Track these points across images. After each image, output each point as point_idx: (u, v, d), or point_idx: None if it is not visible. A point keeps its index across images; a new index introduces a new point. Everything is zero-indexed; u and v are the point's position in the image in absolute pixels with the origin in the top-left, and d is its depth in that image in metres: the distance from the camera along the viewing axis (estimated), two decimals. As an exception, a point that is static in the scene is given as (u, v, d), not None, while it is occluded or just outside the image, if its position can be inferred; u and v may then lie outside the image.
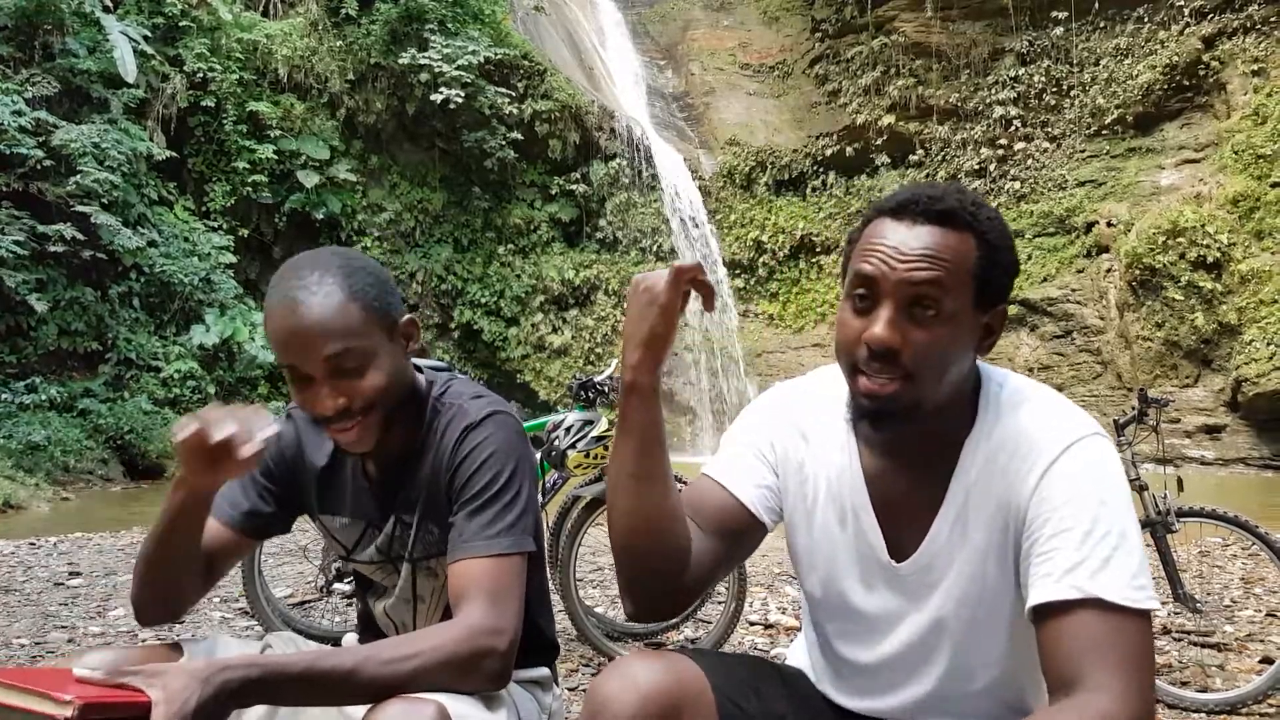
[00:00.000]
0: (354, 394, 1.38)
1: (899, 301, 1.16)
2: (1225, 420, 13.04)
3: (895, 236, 1.18)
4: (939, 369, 1.17)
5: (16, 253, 11.42)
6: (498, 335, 16.64)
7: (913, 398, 1.17)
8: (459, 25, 16.27)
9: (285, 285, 1.40)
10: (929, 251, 1.15)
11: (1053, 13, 15.77)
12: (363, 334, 1.38)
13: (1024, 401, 1.23)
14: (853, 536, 1.31)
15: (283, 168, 15.38)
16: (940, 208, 1.18)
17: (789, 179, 17.82)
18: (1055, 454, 1.16)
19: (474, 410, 1.51)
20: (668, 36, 20.44)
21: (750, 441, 1.37)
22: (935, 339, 1.15)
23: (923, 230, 1.17)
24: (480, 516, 1.42)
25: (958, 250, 1.16)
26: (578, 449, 3.63)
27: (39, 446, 10.98)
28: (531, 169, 17.26)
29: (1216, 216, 13.28)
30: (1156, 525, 3.83)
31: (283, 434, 1.62)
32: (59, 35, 12.74)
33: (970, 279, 1.17)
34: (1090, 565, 1.08)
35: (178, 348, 13.31)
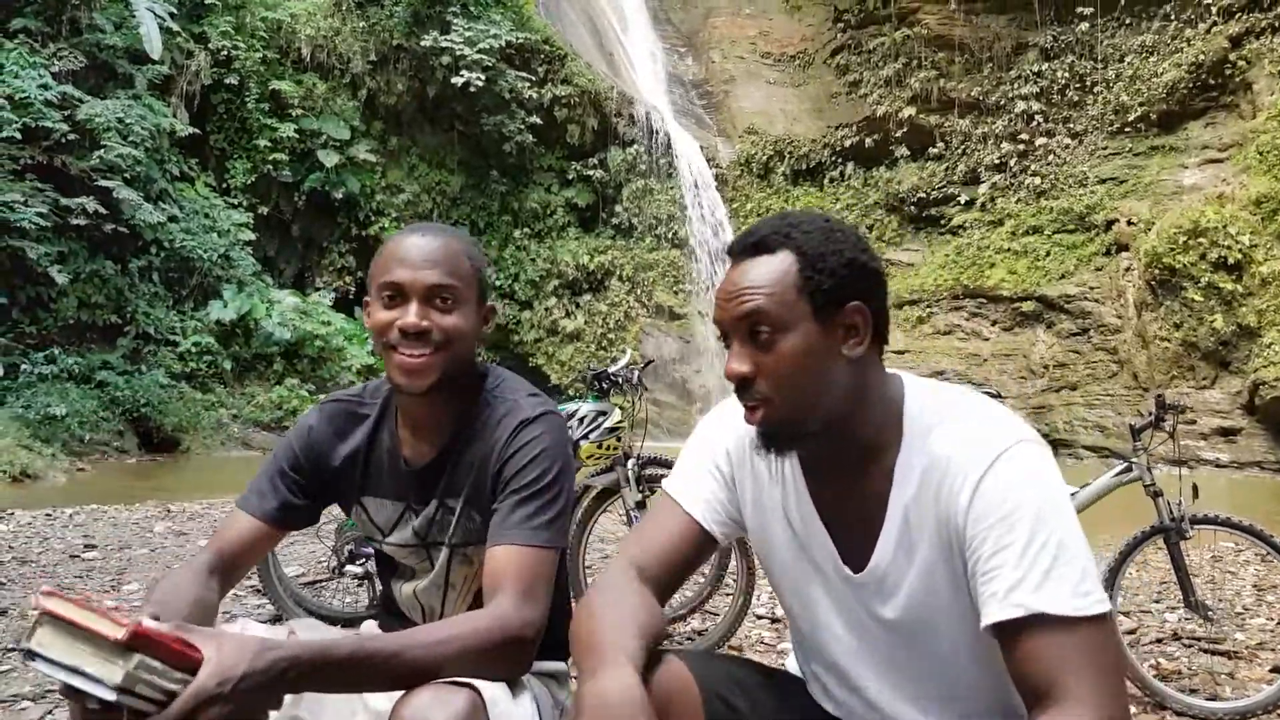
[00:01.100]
0: (437, 324, 1.50)
1: (740, 336, 1.22)
2: (1242, 423, 12.94)
3: (724, 282, 1.25)
4: (798, 383, 1.20)
5: (39, 224, 11.52)
6: (511, 318, 16.69)
7: (782, 416, 1.21)
8: (481, 9, 16.27)
9: (414, 227, 1.58)
10: (744, 284, 1.21)
11: (1078, 8, 15.59)
12: (465, 281, 1.53)
13: (950, 415, 1.24)
14: (809, 545, 1.33)
15: (303, 146, 15.45)
16: (752, 240, 1.24)
17: (807, 169, 17.74)
18: (983, 469, 1.16)
19: (528, 407, 1.57)
20: (689, 24, 20.33)
21: (704, 456, 1.41)
22: (779, 356, 1.19)
23: (741, 266, 1.23)
24: (525, 507, 1.48)
25: (774, 271, 1.21)
26: (590, 439, 3.66)
27: (56, 418, 11.11)
28: (549, 154, 17.26)
29: (1239, 217, 13.13)
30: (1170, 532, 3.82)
31: (314, 425, 1.67)
32: (86, 10, 12.82)
33: (796, 291, 1.20)
34: (1032, 580, 1.08)
35: (195, 322, 13.42)
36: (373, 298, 1.54)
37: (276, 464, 1.65)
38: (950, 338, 15.56)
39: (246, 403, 13.46)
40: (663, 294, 16.84)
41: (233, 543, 1.57)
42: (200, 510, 6.94)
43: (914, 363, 15.44)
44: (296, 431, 1.68)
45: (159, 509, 6.96)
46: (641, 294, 16.81)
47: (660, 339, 16.78)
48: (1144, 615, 4.54)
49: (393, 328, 1.49)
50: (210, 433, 12.70)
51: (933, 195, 16.67)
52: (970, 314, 15.58)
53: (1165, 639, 4.12)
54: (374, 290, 1.54)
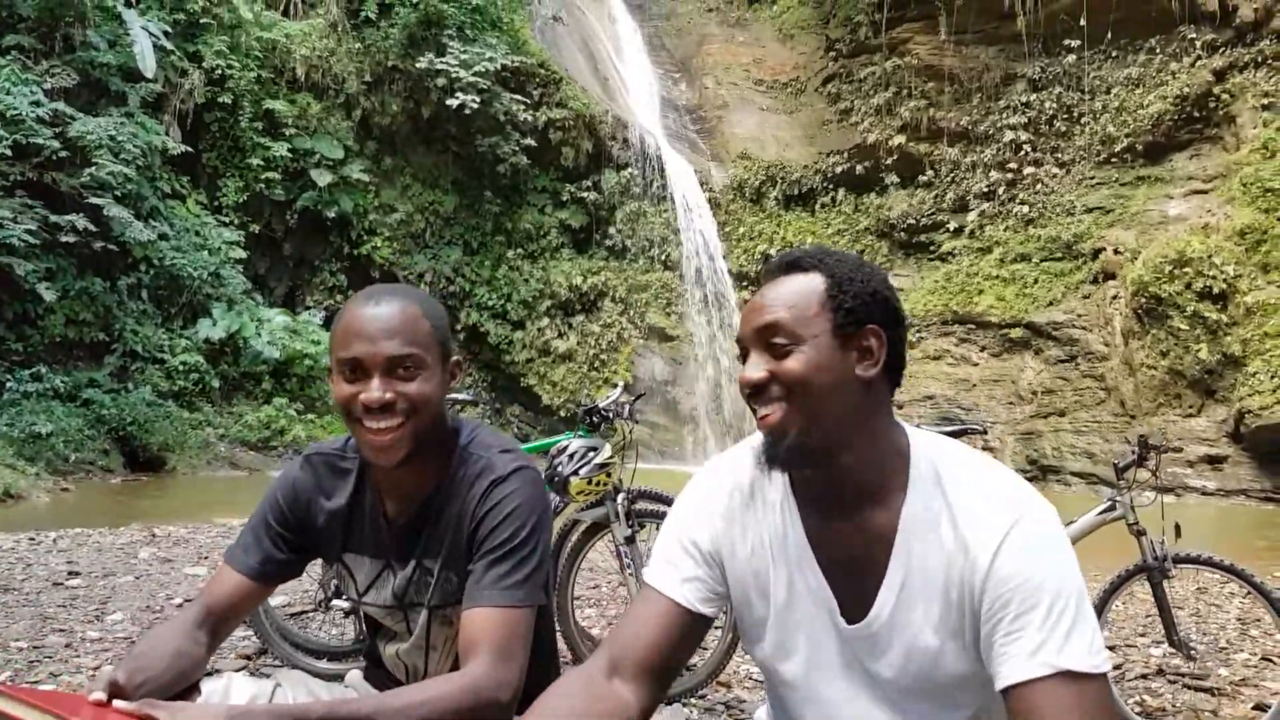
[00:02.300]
0: (401, 394, 1.48)
1: (758, 345, 1.27)
2: (1228, 451, 13.02)
3: (755, 298, 1.31)
4: (811, 392, 1.23)
5: (28, 241, 11.48)
6: (503, 338, 16.69)
7: (796, 422, 1.24)
8: (477, 32, 16.35)
9: (368, 294, 1.56)
10: (771, 298, 1.27)
11: (1065, 41, 15.79)
12: (424, 346, 1.51)
13: (961, 473, 1.26)
14: (804, 597, 1.33)
15: (296, 166, 15.46)
16: (786, 260, 1.31)
17: (798, 194, 17.85)
18: (1003, 532, 1.19)
19: (501, 465, 1.57)
20: (683, 50, 20.49)
21: (680, 537, 1.41)
22: (797, 363, 1.23)
23: (774, 283, 1.30)
24: (499, 567, 1.48)
25: (801, 288, 1.27)
26: (580, 475, 3.66)
27: (41, 436, 11.02)
28: (544, 175, 17.32)
29: (1224, 248, 13.28)
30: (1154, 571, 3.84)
31: (298, 479, 1.67)
32: (80, 28, 12.82)
33: (821, 307, 1.25)
34: (1055, 641, 1.13)
35: (184, 341, 13.37)
36: (334, 371, 1.53)
37: (261, 518, 1.65)
38: (939, 363, 15.64)
39: (234, 422, 13.40)
40: (655, 315, 16.88)
41: (220, 598, 1.58)
42: (186, 535, 6.89)
43: (904, 386, 15.47)
44: (280, 484, 1.68)
45: (144, 533, 6.91)
46: (634, 315, 16.85)
47: (652, 360, 16.81)
48: (1129, 650, 4.56)
49: (356, 401, 1.48)
50: (196, 452, 12.62)
51: (922, 222, 16.80)
52: (959, 339, 15.68)
53: (1150, 675, 4.14)
54: (334, 364, 1.53)
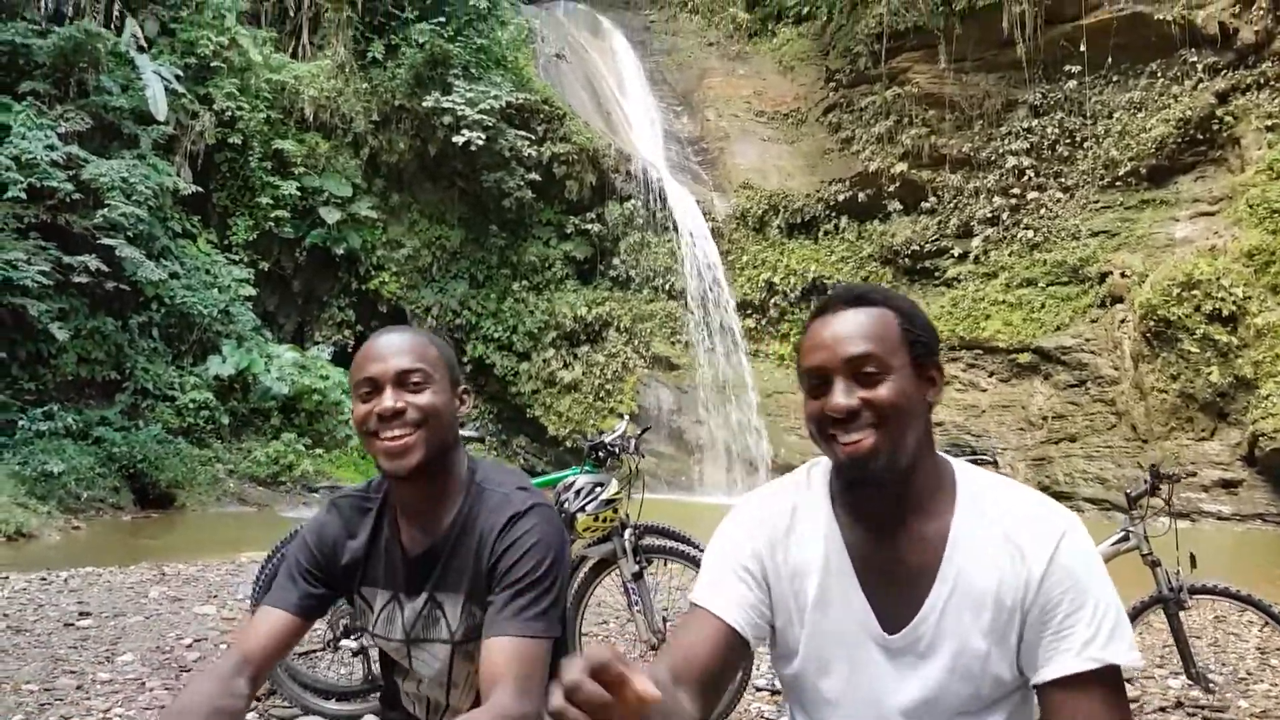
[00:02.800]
0: (412, 403, 1.59)
1: (846, 375, 1.33)
2: (1242, 475, 12.91)
3: (826, 329, 1.36)
4: (900, 418, 1.31)
5: (41, 283, 11.59)
6: (509, 370, 16.72)
7: (887, 447, 1.31)
8: (482, 71, 16.56)
9: (383, 329, 1.73)
10: (859, 328, 1.34)
11: (1065, 66, 15.84)
12: (432, 364, 1.66)
13: (1005, 493, 1.39)
14: (843, 614, 1.38)
15: (305, 204, 15.62)
16: (855, 293, 1.38)
17: (801, 222, 17.91)
18: (1056, 539, 1.31)
19: (519, 500, 1.65)
20: (685, 84, 20.69)
21: (732, 560, 1.45)
22: (887, 392, 1.31)
23: (847, 315, 1.36)
24: (520, 599, 1.55)
25: (881, 321, 1.35)
26: (587, 512, 3.66)
27: (53, 475, 11.07)
28: (548, 208, 17.45)
29: (1231, 270, 13.25)
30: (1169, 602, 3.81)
31: (326, 522, 1.75)
32: (94, 73, 13.04)
33: (900, 340, 1.34)
34: (1101, 638, 1.26)
35: (194, 378, 13.44)
36: (353, 398, 1.65)
37: (294, 559, 1.72)
38: (948, 389, 15.42)
39: (243, 458, 13.44)
40: (660, 344, 16.90)
41: (259, 639, 1.62)
42: (195, 573, 6.89)
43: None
44: (310, 527, 1.77)
45: (154, 571, 6.91)
46: (639, 344, 16.88)
47: (658, 389, 16.81)
48: (1146, 681, 4.50)
49: (371, 415, 1.59)
50: (206, 488, 12.65)
51: (926, 248, 16.82)
52: (967, 365, 15.63)
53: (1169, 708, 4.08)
54: (353, 392, 1.65)
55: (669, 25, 22.78)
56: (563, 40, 21.03)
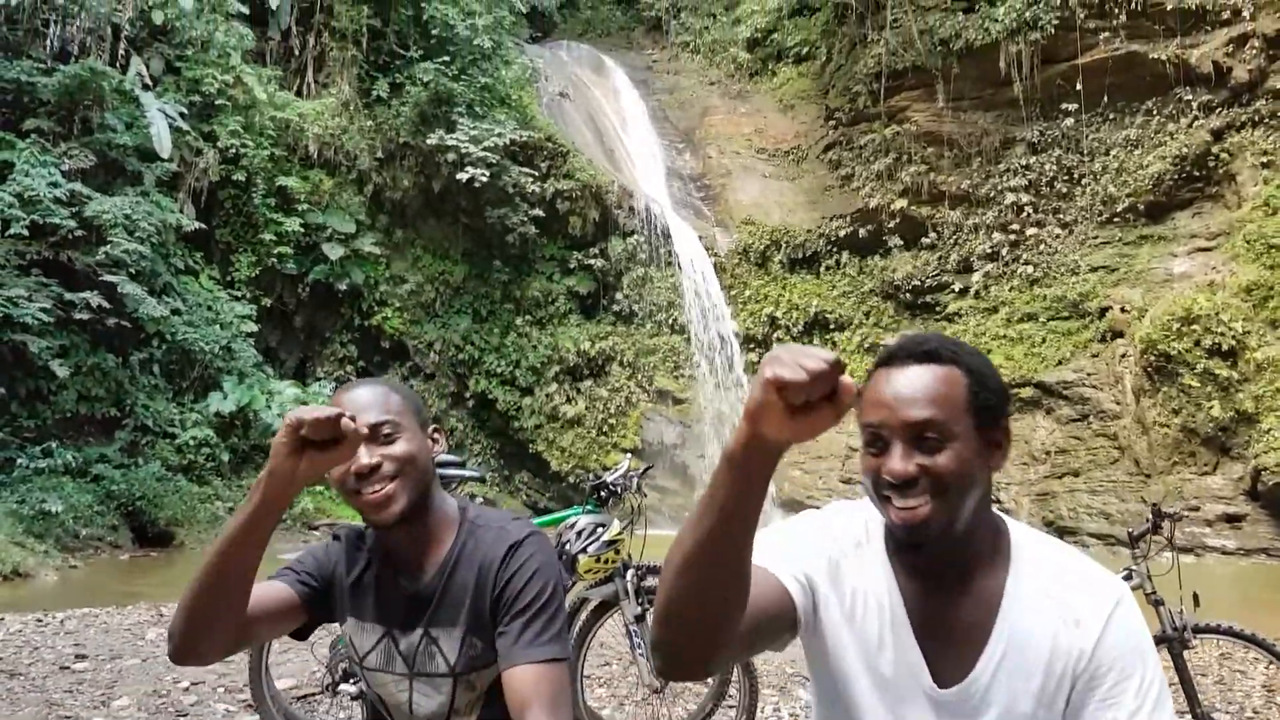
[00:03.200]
0: (387, 455, 1.63)
1: (906, 438, 1.28)
2: (1246, 509, 12.85)
3: (890, 384, 1.31)
4: (960, 488, 1.29)
5: (42, 319, 11.62)
6: (512, 405, 16.70)
7: (943, 516, 1.28)
8: (486, 109, 16.72)
9: (344, 386, 1.77)
10: (924, 390, 1.29)
11: (1062, 105, 16.01)
12: (398, 413, 1.69)
13: (1059, 556, 1.39)
14: (891, 657, 1.37)
15: (309, 240, 15.70)
16: (925, 348, 1.33)
17: (803, 257, 17.99)
18: (1111, 607, 1.32)
19: (516, 530, 1.70)
20: (687, 121, 20.89)
21: (802, 542, 1.44)
22: (949, 461, 1.27)
23: (913, 371, 1.31)
24: (534, 625, 1.59)
25: (948, 382, 1.30)
26: (589, 553, 3.64)
27: (51, 513, 11.01)
28: (551, 244, 17.53)
29: (1230, 305, 13.29)
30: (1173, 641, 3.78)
31: (330, 547, 1.82)
32: (99, 111, 13.16)
33: (966, 405, 1.30)
34: (1147, 708, 1.27)
35: (194, 414, 13.43)
36: None
37: (299, 561, 1.79)
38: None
39: (242, 495, 13.36)
40: (663, 379, 16.90)
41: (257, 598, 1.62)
42: (194, 613, 6.82)
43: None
44: (313, 549, 1.84)
45: (151, 612, 6.86)
46: (642, 379, 16.88)
47: (661, 424, 16.78)
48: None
49: (349, 475, 1.63)
50: (205, 526, 12.59)
51: (927, 283, 16.88)
52: (969, 400, 15.61)
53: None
54: None
55: (671, 65, 23.06)
56: (566, 79, 21.26)
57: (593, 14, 27.08)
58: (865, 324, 17.09)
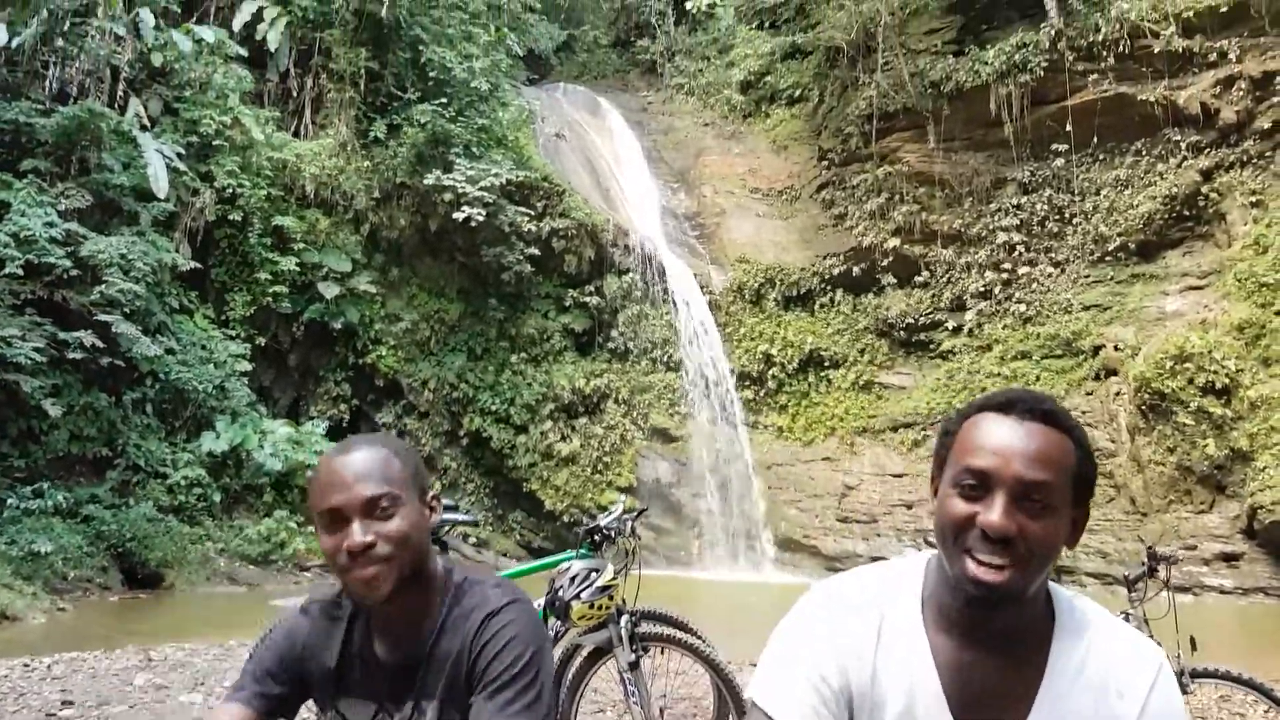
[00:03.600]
0: (381, 534, 1.54)
1: (1013, 493, 1.26)
2: (1243, 548, 12.81)
3: (1006, 433, 1.29)
4: (1045, 558, 1.28)
5: (35, 359, 11.58)
6: (506, 443, 16.64)
7: (1020, 583, 1.27)
8: (483, 149, 16.86)
9: (339, 447, 1.63)
10: (1041, 451, 1.27)
11: (1053, 145, 16.20)
12: (399, 484, 1.59)
13: (1102, 622, 1.37)
14: None
15: (304, 279, 15.73)
16: (1045, 408, 1.30)
17: (797, 295, 18.08)
18: (1154, 675, 1.31)
19: (495, 599, 1.62)
20: (681, 162, 21.12)
21: (809, 666, 1.35)
22: (1045, 530, 1.26)
23: (1032, 428, 1.29)
24: (500, 696, 1.52)
25: (1062, 450, 1.29)
26: (582, 599, 3.61)
27: (40, 555, 10.88)
28: (547, 281, 17.59)
29: (1223, 343, 13.35)
30: (1170, 688, 3.75)
31: (295, 629, 1.72)
32: (96, 151, 13.23)
33: (1070, 478, 1.29)
34: None
35: (186, 454, 13.35)
36: (317, 525, 1.59)
37: (260, 660, 1.69)
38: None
39: (234, 535, 13.27)
40: (658, 416, 16.88)
41: None
42: (182, 658, 6.74)
43: (911, 485, 15.38)
44: (281, 630, 1.72)
45: (139, 656, 6.76)
46: (637, 416, 16.85)
47: (656, 462, 16.72)
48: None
49: (341, 551, 1.54)
50: (196, 568, 12.46)
51: (921, 321, 16.95)
52: (965, 438, 15.59)
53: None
54: (315, 520, 1.59)
55: (666, 106, 23.37)
56: (562, 120, 21.50)
57: (589, 57, 27.49)
58: (860, 361, 17.15)
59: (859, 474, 15.85)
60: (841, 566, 14.85)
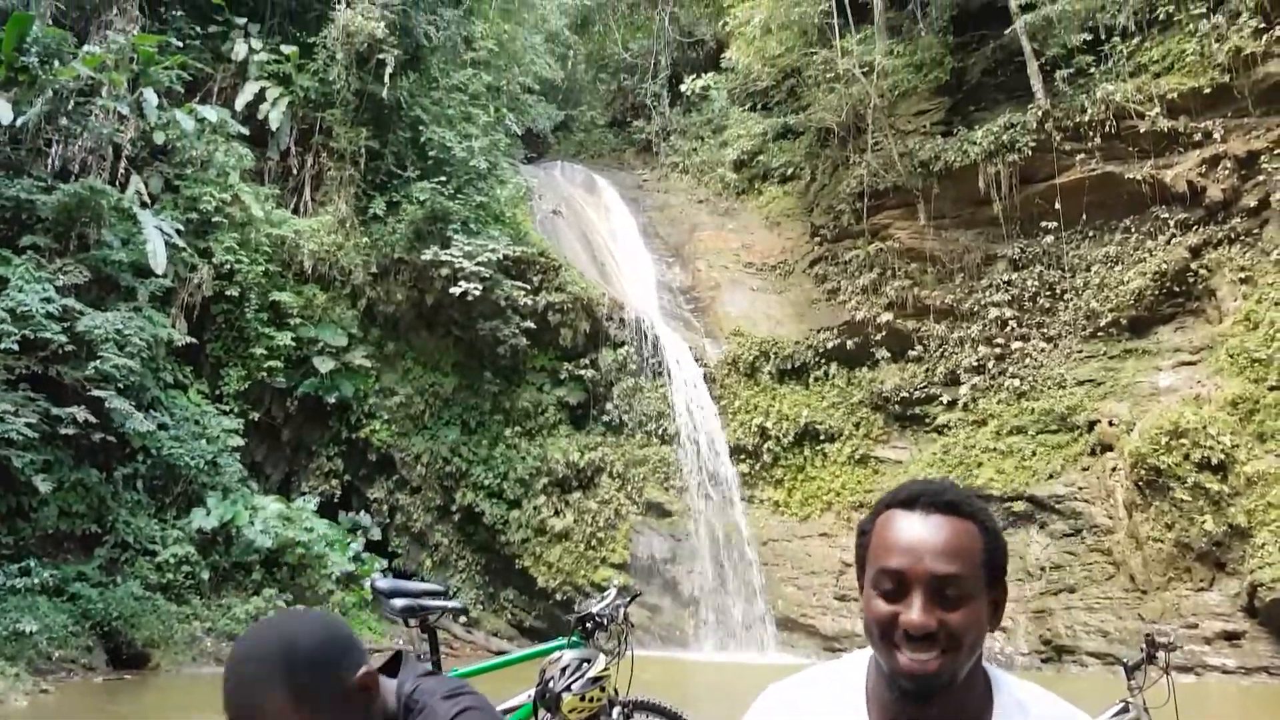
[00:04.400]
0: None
1: (928, 589, 1.31)
2: (1244, 626, 12.63)
3: (914, 530, 1.34)
4: (969, 644, 1.32)
5: (27, 435, 11.53)
6: (499, 518, 16.48)
7: (950, 670, 1.31)
8: (481, 225, 17.09)
9: (229, 663, 1.50)
10: (949, 544, 1.32)
11: (1042, 222, 16.44)
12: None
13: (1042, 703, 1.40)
14: None
15: (300, 353, 15.75)
16: (948, 499, 1.36)
17: (792, 368, 18.13)
18: None
19: (444, 711, 1.55)
20: (676, 237, 21.42)
21: None
22: (965, 619, 1.31)
23: (937, 521, 1.34)
24: None
25: (969, 538, 1.34)
26: (573, 691, 3.54)
27: (25, 634, 10.69)
28: (542, 355, 17.64)
29: (1217, 418, 13.36)
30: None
31: None
32: (96, 227, 13.36)
33: (981, 564, 1.34)
34: None
35: (176, 531, 13.19)
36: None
37: None
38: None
39: (222, 615, 13.03)
40: (653, 490, 16.76)
41: None
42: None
43: (908, 563, 15.20)
44: None
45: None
46: (632, 490, 16.73)
47: (651, 537, 16.54)
48: None
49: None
50: (182, 648, 12.22)
51: (915, 395, 16.98)
52: (962, 514, 15.46)
53: None
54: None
55: (661, 184, 23.81)
56: (559, 197, 21.86)
57: (586, 136, 28.09)
58: (855, 435, 17.10)
59: (856, 550, 15.67)
60: (840, 647, 14.59)
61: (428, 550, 16.68)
